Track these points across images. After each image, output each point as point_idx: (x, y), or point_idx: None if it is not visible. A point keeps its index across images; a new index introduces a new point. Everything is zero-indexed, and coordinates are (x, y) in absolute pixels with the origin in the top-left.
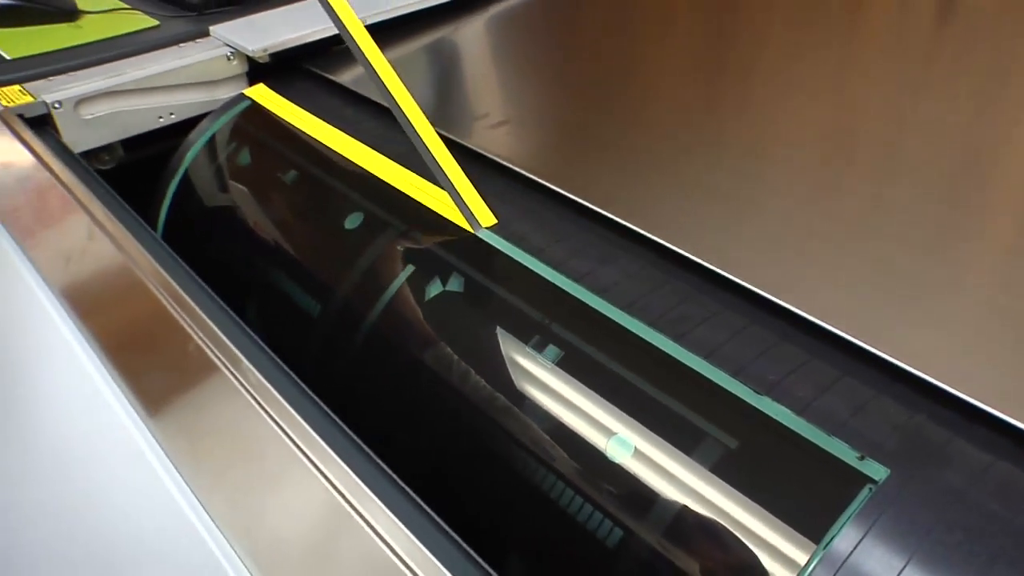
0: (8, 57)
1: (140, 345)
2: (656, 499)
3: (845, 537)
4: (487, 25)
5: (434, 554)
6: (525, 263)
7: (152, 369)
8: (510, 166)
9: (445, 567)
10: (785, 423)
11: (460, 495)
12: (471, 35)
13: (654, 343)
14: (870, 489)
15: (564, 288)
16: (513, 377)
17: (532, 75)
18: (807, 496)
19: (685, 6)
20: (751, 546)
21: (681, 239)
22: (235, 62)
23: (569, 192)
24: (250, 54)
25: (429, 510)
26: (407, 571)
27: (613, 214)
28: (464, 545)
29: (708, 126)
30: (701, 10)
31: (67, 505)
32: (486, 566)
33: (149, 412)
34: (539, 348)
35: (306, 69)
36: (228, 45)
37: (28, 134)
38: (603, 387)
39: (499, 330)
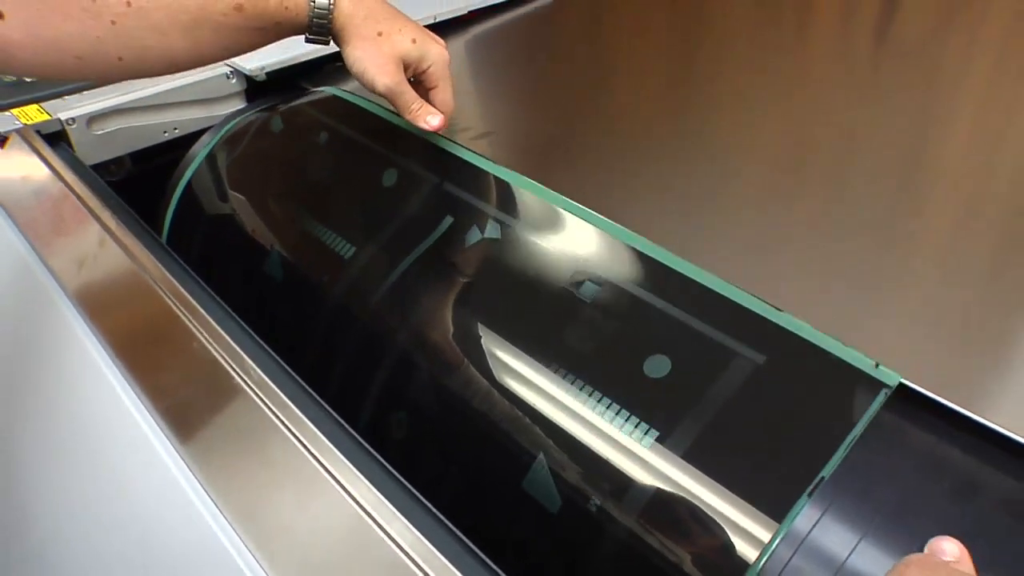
0: (27, 79)
1: (147, 343)
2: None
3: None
4: (468, 45)
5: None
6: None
7: (159, 365)
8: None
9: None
10: (803, 335)
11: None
12: (454, 54)
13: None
14: (885, 393)
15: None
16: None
17: (514, 90)
18: (829, 401)
19: (656, 25)
20: (777, 447)
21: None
22: (234, 80)
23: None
24: (248, 73)
25: (435, 510)
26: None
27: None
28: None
29: (685, 133)
30: (673, 28)
31: (85, 501)
32: None
33: (157, 405)
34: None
35: (301, 86)
36: (228, 65)
37: (45, 149)
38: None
39: None
